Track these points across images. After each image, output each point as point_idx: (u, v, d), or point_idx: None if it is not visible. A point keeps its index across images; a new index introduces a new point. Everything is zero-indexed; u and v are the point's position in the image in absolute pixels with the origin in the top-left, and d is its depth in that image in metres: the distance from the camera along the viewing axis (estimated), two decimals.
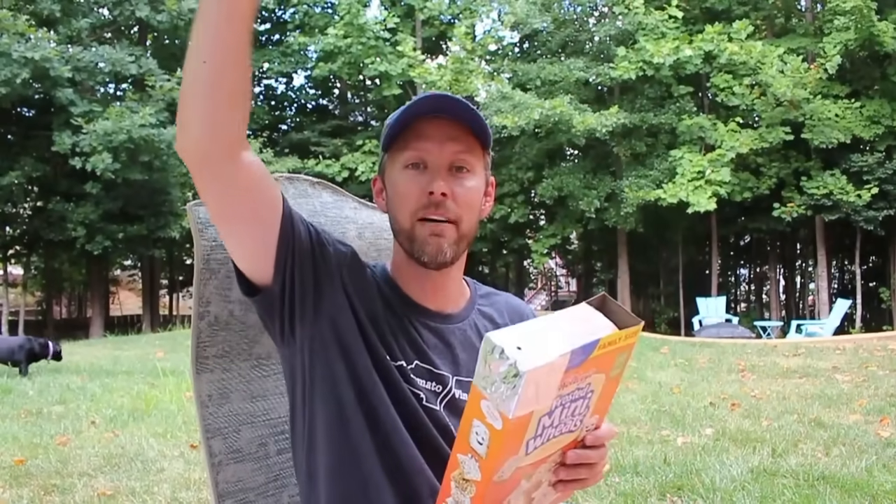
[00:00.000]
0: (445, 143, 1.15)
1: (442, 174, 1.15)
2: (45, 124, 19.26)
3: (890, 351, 9.16)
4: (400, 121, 1.16)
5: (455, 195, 1.15)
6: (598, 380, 0.90)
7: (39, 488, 4.04)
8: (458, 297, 1.28)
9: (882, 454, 4.29)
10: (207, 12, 0.93)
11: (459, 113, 1.15)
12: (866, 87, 19.40)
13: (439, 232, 1.15)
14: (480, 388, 0.82)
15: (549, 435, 0.88)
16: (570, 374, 0.84)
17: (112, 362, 9.75)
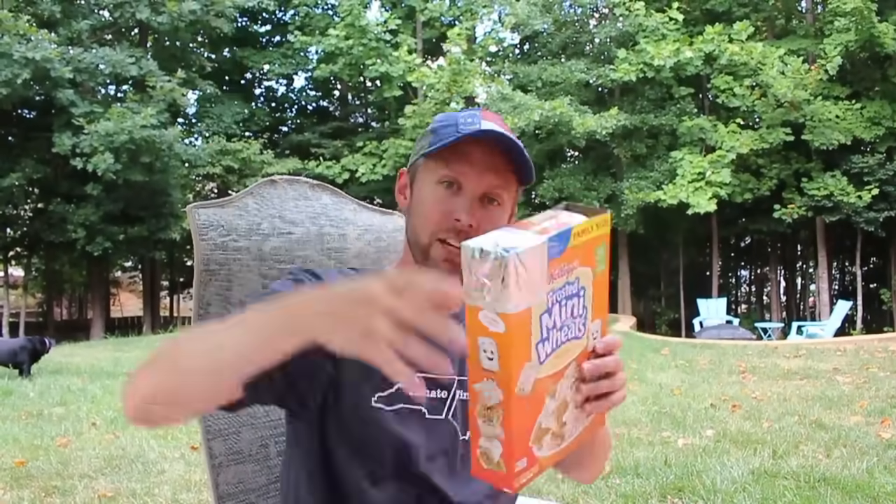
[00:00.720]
0: (484, 173, 1.13)
1: (473, 203, 1.13)
2: (46, 126, 19.27)
3: (891, 352, 9.16)
4: (448, 137, 1.12)
5: (479, 227, 1.12)
6: (584, 274, 0.90)
7: (40, 490, 4.04)
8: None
9: (883, 456, 4.29)
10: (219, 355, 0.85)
11: (507, 147, 1.13)
12: (867, 88, 19.41)
13: (454, 260, 1.12)
14: (473, 301, 0.81)
15: (557, 340, 0.88)
16: (554, 265, 0.84)
17: (113, 364, 9.75)
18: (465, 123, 1.13)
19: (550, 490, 3.76)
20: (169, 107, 19.59)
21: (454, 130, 1.13)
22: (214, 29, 21.37)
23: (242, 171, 20.92)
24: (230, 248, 1.35)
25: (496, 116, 1.17)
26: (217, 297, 1.33)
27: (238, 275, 1.35)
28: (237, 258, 1.35)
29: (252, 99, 25.92)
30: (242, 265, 1.35)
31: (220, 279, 1.33)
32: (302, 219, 1.45)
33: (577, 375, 0.95)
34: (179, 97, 19.75)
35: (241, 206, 1.39)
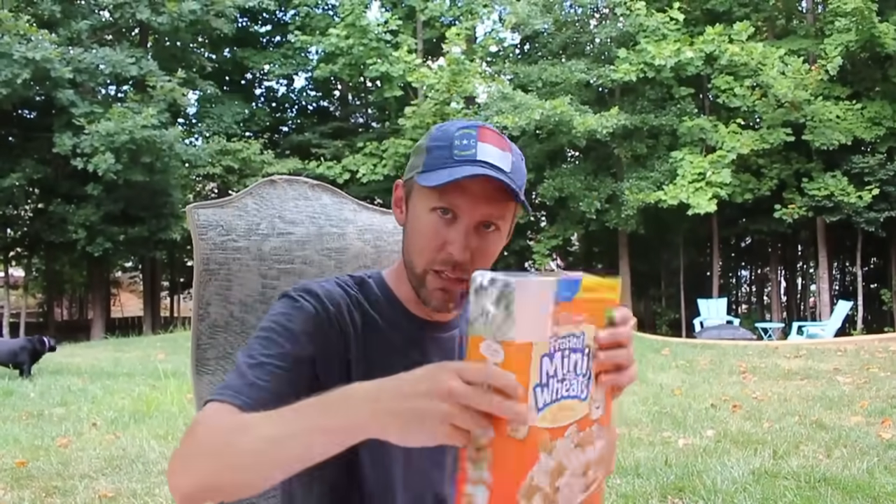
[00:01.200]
0: (481, 203, 1.09)
1: (468, 235, 1.09)
2: (46, 126, 19.27)
3: (891, 352, 9.15)
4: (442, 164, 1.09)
5: (475, 257, 1.10)
6: (590, 332, 0.90)
7: (41, 490, 4.04)
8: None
9: (884, 456, 4.29)
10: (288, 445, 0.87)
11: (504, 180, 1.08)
12: (867, 88, 19.40)
13: (450, 289, 1.12)
14: (477, 331, 0.81)
15: (557, 391, 0.87)
16: (561, 310, 0.84)
17: (113, 364, 9.75)
18: (460, 148, 1.09)
19: None
20: (169, 107, 19.59)
21: (447, 155, 1.09)
22: (215, 29, 21.37)
23: (243, 171, 20.91)
24: (229, 247, 1.35)
25: (494, 135, 1.12)
26: (217, 297, 1.33)
27: (238, 275, 1.35)
28: (237, 258, 1.35)
29: (252, 99, 25.92)
30: (242, 265, 1.35)
31: (220, 279, 1.33)
32: (302, 219, 1.45)
33: (577, 442, 0.93)
34: (180, 97, 19.75)
35: (240, 207, 1.39)
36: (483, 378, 0.78)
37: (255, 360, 1.04)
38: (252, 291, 1.36)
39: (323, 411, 0.85)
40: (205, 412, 0.99)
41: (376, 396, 0.81)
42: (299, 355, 1.07)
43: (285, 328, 1.08)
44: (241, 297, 1.35)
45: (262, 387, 1.00)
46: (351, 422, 0.82)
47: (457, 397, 0.77)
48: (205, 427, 0.95)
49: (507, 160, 1.10)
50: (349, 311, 1.15)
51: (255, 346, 1.07)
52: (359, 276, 1.23)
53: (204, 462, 0.92)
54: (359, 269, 1.47)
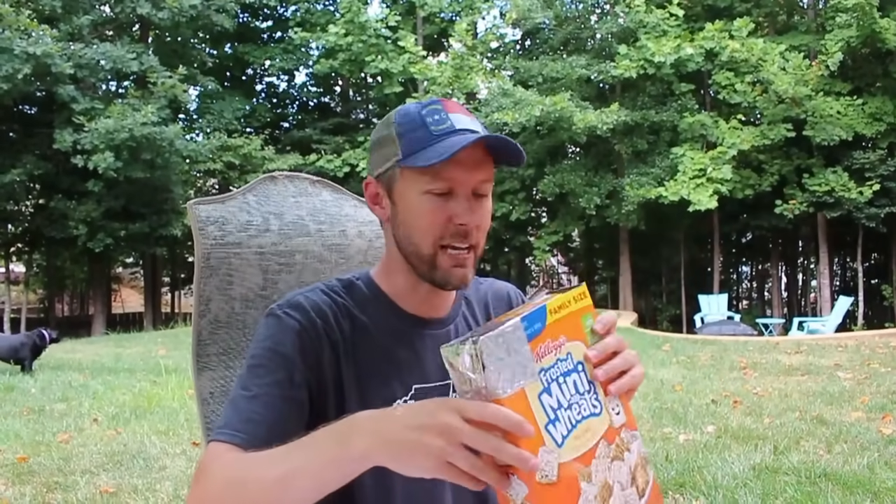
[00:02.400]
0: (472, 172, 1.09)
1: (469, 203, 1.10)
2: (47, 122, 19.28)
3: (892, 348, 9.16)
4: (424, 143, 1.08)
5: (479, 223, 1.12)
6: (576, 349, 0.90)
7: (42, 485, 4.05)
8: (447, 298, 1.24)
9: (884, 451, 4.29)
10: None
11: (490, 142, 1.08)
12: (868, 84, 19.37)
13: (462, 262, 1.12)
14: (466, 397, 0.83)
15: (570, 419, 0.87)
16: (537, 343, 0.84)
17: (114, 360, 9.76)
18: (435, 123, 1.08)
19: None
20: (170, 103, 19.59)
21: (425, 135, 1.08)
22: (215, 24, 21.37)
23: (244, 167, 20.91)
24: (230, 243, 1.35)
25: (458, 105, 1.13)
26: (218, 293, 1.33)
27: (239, 270, 1.35)
28: (237, 253, 1.35)
29: (253, 95, 25.90)
30: (243, 260, 1.35)
31: (221, 275, 1.33)
32: (302, 215, 1.45)
33: (612, 455, 0.92)
34: (181, 93, 19.74)
35: (241, 202, 1.39)
36: (484, 417, 0.78)
37: (250, 393, 1.04)
38: (253, 287, 1.36)
39: (329, 443, 0.87)
40: (208, 456, 0.99)
41: (377, 427, 0.83)
42: (292, 379, 1.06)
43: (275, 353, 1.08)
44: (242, 292, 1.35)
45: (259, 421, 1.01)
46: (357, 452, 0.84)
47: (453, 435, 0.77)
48: (211, 477, 0.96)
49: (478, 123, 1.12)
50: (336, 320, 1.13)
51: (248, 377, 1.07)
52: (347, 278, 1.21)
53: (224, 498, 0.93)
54: (360, 264, 1.48)
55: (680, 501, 3.54)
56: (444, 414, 0.79)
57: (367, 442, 0.83)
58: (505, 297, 1.33)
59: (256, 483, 0.90)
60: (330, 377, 1.11)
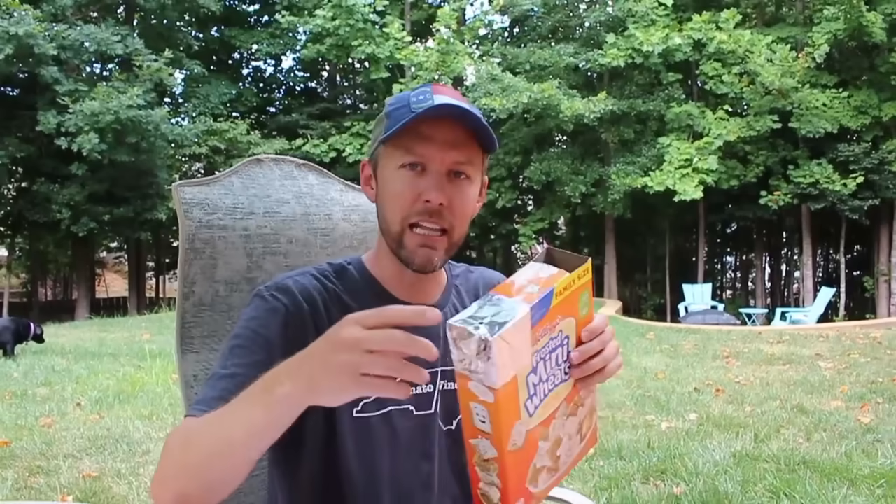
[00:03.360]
0: (447, 150, 1.09)
1: (440, 181, 1.09)
2: (30, 104, 19.05)
3: (872, 339, 9.25)
4: (402, 119, 1.08)
5: (452, 204, 1.10)
6: (568, 325, 0.92)
7: (24, 470, 4.04)
8: (438, 285, 1.24)
9: (862, 440, 4.35)
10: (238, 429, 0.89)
11: (465, 120, 1.09)
12: (854, 77, 19.47)
13: (431, 244, 1.11)
14: (462, 372, 0.84)
15: (544, 391, 0.91)
16: (538, 329, 0.86)
17: (98, 344, 9.71)
18: (417, 101, 1.09)
19: None
20: (155, 87, 19.41)
21: (407, 111, 1.08)
22: (201, 7, 21.17)
23: (229, 152, 20.78)
24: (215, 226, 1.34)
25: (448, 89, 1.13)
26: (202, 276, 1.33)
27: (223, 253, 1.35)
28: (222, 236, 1.35)
29: (239, 79, 25.72)
30: (228, 243, 1.35)
31: (205, 257, 1.33)
32: (288, 198, 1.45)
33: (568, 413, 0.98)
34: (166, 77, 19.56)
35: (226, 185, 1.39)
36: (385, 320, 0.79)
37: (227, 371, 1.03)
38: (238, 270, 1.36)
39: (257, 393, 0.87)
40: (175, 429, 1.00)
41: (295, 365, 0.83)
42: (272, 362, 1.04)
43: (257, 334, 1.07)
44: (226, 275, 1.35)
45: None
46: (281, 394, 0.83)
47: (358, 344, 0.77)
48: (171, 444, 0.97)
49: (466, 104, 1.10)
50: (325, 306, 1.13)
51: (228, 356, 1.06)
52: (339, 263, 1.21)
53: (174, 476, 0.94)
54: (345, 249, 1.48)
55: (661, 487, 3.58)
56: (345, 329, 0.79)
57: (288, 382, 0.82)
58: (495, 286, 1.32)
59: (200, 442, 0.92)
60: None
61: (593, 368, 0.96)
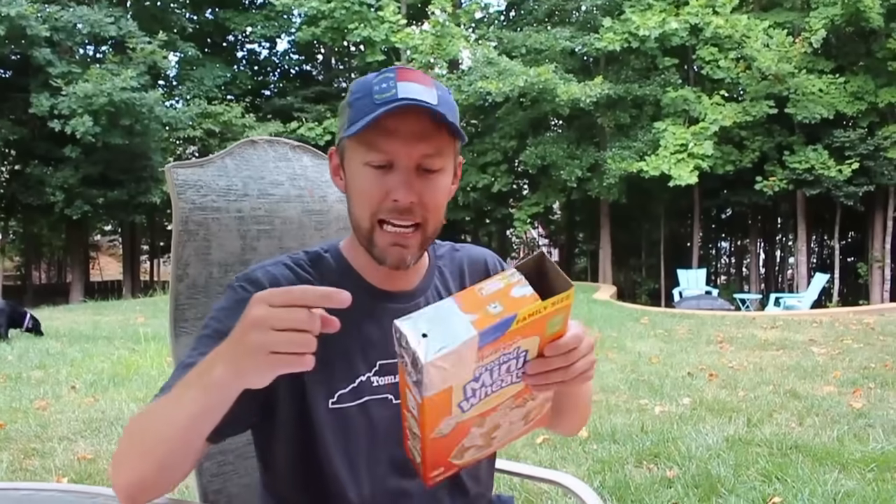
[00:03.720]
0: (414, 144, 1.04)
1: (408, 177, 1.04)
2: (23, 86, 18.92)
3: (865, 325, 9.29)
4: (366, 114, 1.02)
5: (423, 199, 1.05)
6: (529, 342, 0.88)
7: (19, 452, 4.04)
8: (418, 269, 1.19)
9: (853, 424, 4.38)
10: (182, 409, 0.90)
11: (430, 112, 1.02)
12: (851, 62, 19.44)
13: (403, 242, 1.07)
14: (401, 364, 0.84)
15: (485, 393, 0.88)
16: (487, 349, 0.83)
17: (92, 328, 9.70)
18: (380, 91, 1.03)
19: (528, 455, 3.81)
20: (149, 69, 19.29)
21: (370, 103, 1.03)
22: None
23: (224, 135, 20.68)
24: (209, 207, 1.34)
25: (415, 73, 1.06)
26: (196, 258, 1.32)
27: (217, 235, 1.34)
28: (216, 218, 1.34)
29: (234, 62, 25.56)
30: (221, 225, 1.34)
31: (199, 239, 1.32)
32: (282, 180, 1.44)
33: (514, 406, 0.95)
34: (160, 59, 19.44)
35: (220, 167, 1.38)
36: (292, 301, 0.80)
37: (191, 360, 1.02)
38: (232, 252, 1.36)
39: (199, 376, 0.88)
40: (133, 415, 1.01)
41: (225, 348, 0.84)
42: None
43: (223, 324, 1.04)
44: (220, 257, 1.34)
45: None
46: (215, 377, 0.84)
47: (264, 323, 0.79)
48: (127, 430, 0.98)
49: (431, 94, 1.04)
50: None
51: (195, 345, 1.06)
52: (315, 251, 1.18)
53: (128, 461, 0.95)
54: (340, 230, 1.47)
55: (654, 471, 3.60)
56: (252, 309, 0.80)
57: (219, 366, 0.84)
58: (482, 265, 1.28)
59: (149, 428, 0.94)
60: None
61: (550, 381, 0.92)
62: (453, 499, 1.17)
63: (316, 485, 1.10)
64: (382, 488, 1.11)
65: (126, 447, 0.96)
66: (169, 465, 0.93)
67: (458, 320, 0.82)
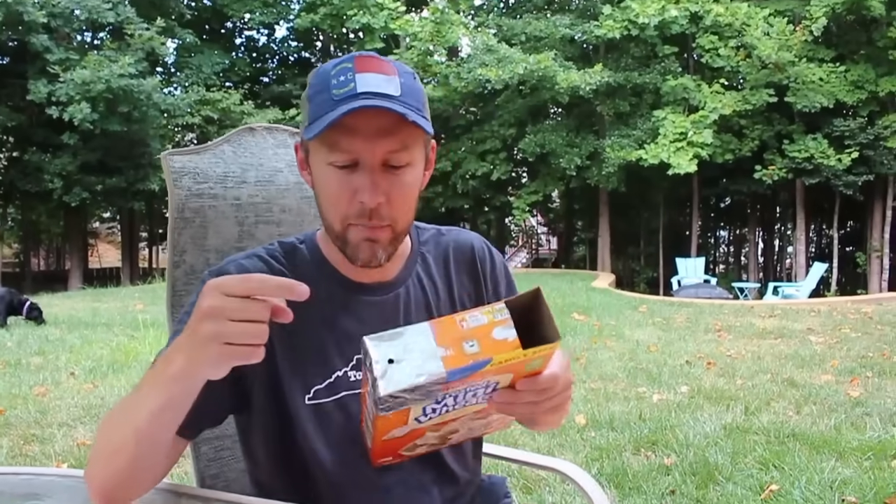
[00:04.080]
0: (377, 140, 0.98)
1: (376, 176, 0.99)
2: (20, 72, 18.86)
3: (863, 314, 9.31)
4: (324, 115, 0.97)
5: (391, 199, 1.01)
6: (503, 377, 0.86)
7: (19, 438, 4.05)
8: (397, 259, 1.14)
9: (850, 413, 4.39)
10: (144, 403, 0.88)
11: (388, 106, 0.96)
12: (852, 51, 19.38)
13: (374, 238, 1.03)
14: (365, 371, 0.83)
15: (446, 410, 0.87)
16: (454, 384, 0.81)
17: (91, 314, 9.71)
18: (337, 86, 0.97)
19: (526, 442, 3.82)
20: (147, 56, 19.22)
21: (327, 98, 0.98)
22: None
23: (222, 122, 20.65)
24: (205, 194, 1.33)
25: (374, 62, 1.00)
26: (192, 244, 1.32)
27: (214, 222, 1.34)
28: (212, 205, 1.34)
29: (232, 49, 25.48)
30: (218, 212, 1.34)
31: (195, 226, 1.32)
32: (281, 167, 1.44)
33: (476, 418, 0.94)
34: (158, 46, 19.38)
35: (217, 154, 1.38)
36: (249, 291, 0.78)
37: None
38: (228, 239, 1.35)
39: (158, 372, 0.86)
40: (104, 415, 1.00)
41: (182, 340, 0.82)
42: None
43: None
44: (217, 244, 1.34)
45: None
46: (176, 370, 0.83)
47: (219, 313, 0.77)
48: (98, 432, 0.97)
49: (393, 84, 0.98)
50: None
51: (170, 340, 1.03)
52: (290, 242, 1.14)
53: (99, 463, 0.94)
54: None
55: (652, 458, 3.61)
56: (206, 298, 0.78)
57: (178, 359, 0.83)
58: (468, 253, 1.22)
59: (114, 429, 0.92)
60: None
61: (516, 411, 0.92)
62: (441, 488, 1.15)
63: (296, 476, 1.09)
64: (365, 481, 1.08)
65: (98, 446, 0.95)
66: (140, 464, 0.91)
67: (429, 352, 0.79)
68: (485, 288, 1.21)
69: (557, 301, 10.08)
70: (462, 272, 1.21)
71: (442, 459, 1.15)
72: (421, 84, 1.05)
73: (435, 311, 1.15)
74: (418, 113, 0.99)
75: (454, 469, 1.18)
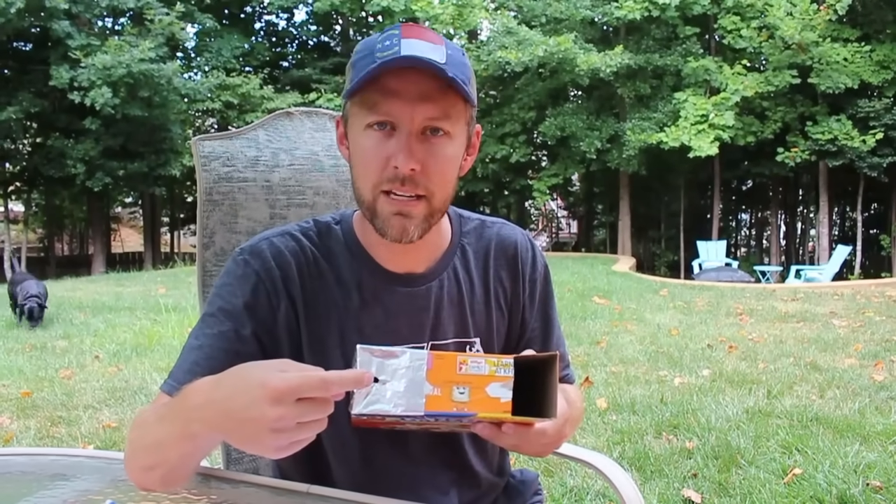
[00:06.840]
0: (417, 105, 0.95)
1: (412, 141, 0.96)
2: (43, 59, 18.99)
3: (887, 297, 9.22)
4: (365, 71, 0.95)
5: (426, 167, 0.97)
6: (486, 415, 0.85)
7: (46, 420, 4.12)
8: (434, 249, 1.11)
9: (875, 397, 4.36)
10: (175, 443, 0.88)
11: (436, 71, 0.94)
12: (877, 31, 19.02)
13: (406, 211, 0.99)
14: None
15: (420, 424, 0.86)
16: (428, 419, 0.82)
17: (114, 299, 9.82)
18: (382, 49, 0.95)
19: None
20: (167, 40, 19.28)
21: (371, 62, 0.95)
22: None
23: (242, 107, 20.69)
24: (235, 178, 1.35)
25: (421, 30, 0.98)
26: (221, 226, 1.34)
27: (244, 205, 1.35)
28: (242, 188, 1.35)
29: (252, 33, 25.48)
30: (248, 195, 1.36)
31: (224, 209, 1.34)
32: (317, 150, 1.45)
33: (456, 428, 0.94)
34: (178, 31, 19.41)
35: (250, 139, 1.41)
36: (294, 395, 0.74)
37: (197, 342, 1.01)
38: (260, 221, 1.37)
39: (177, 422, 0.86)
40: (142, 410, 1.00)
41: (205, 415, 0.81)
42: (239, 332, 1.01)
43: (227, 302, 1.03)
44: (247, 226, 1.36)
45: (199, 373, 0.93)
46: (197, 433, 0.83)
47: (262, 424, 0.74)
48: (134, 425, 0.97)
49: (439, 52, 0.96)
50: (299, 271, 1.05)
51: (200, 325, 1.03)
52: (325, 221, 1.12)
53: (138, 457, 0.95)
54: None
55: (674, 442, 3.61)
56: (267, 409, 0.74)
57: (203, 429, 0.82)
58: (511, 249, 1.18)
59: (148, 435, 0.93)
60: (285, 332, 1.04)
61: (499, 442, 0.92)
62: (460, 490, 1.15)
63: (311, 463, 1.10)
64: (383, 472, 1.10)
65: (133, 446, 0.96)
66: (174, 466, 0.92)
67: (416, 385, 0.79)
68: (522, 288, 1.18)
69: (578, 285, 10.06)
70: (501, 269, 1.17)
71: (465, 459, 1.14)
72: (469, 61, 1.02)
73: (468, 309, 1.12)
74: (463, 84, 0.97)
75: (478, 470, 1.16)
